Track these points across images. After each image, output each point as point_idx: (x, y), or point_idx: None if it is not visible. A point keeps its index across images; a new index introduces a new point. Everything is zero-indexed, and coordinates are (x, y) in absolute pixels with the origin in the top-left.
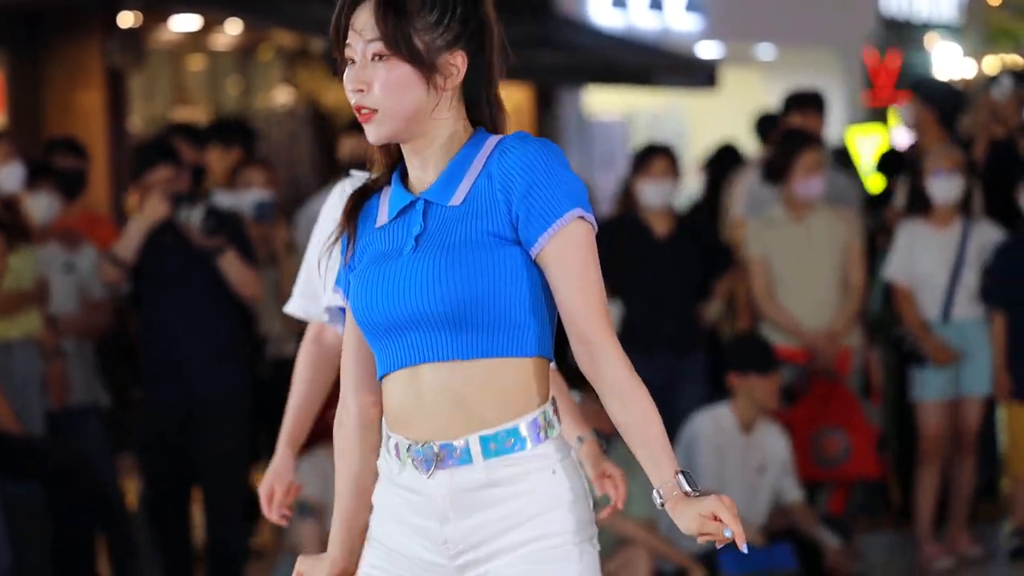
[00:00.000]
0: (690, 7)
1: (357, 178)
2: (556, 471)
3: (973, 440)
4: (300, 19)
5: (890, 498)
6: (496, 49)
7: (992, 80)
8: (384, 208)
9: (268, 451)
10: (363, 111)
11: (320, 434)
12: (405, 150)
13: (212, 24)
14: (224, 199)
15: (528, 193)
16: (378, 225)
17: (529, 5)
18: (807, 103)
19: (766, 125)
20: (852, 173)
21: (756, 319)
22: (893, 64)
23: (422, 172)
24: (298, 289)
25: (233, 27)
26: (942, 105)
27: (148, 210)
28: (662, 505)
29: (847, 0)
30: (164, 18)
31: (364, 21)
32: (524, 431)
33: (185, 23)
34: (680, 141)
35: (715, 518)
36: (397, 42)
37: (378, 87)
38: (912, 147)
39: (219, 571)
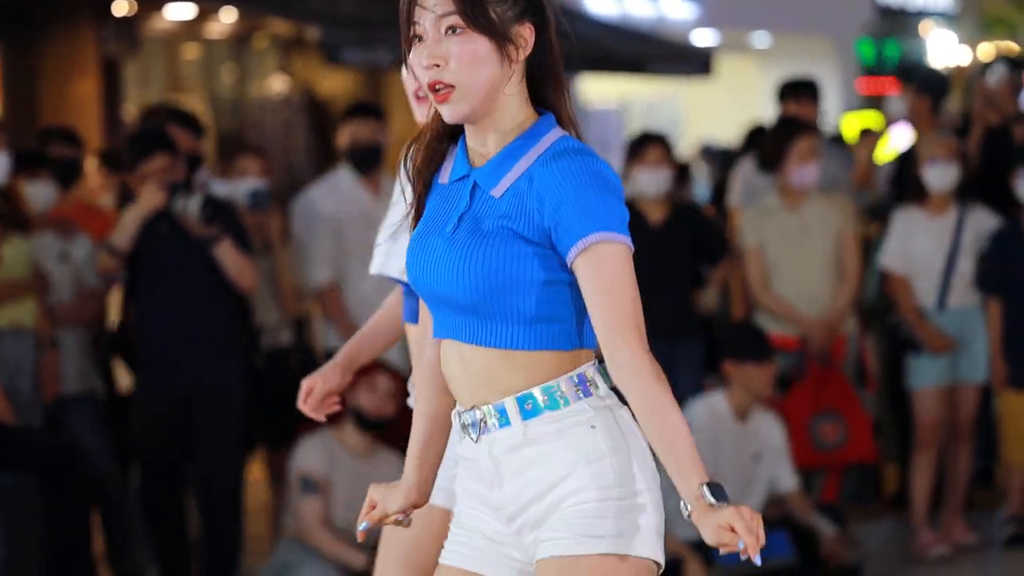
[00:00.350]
0: None
1: None
2: (595, 426)
3: (969, 428)
4: (295, 7)
5: (883, 486)
6: (554, 26)
7: (987, 67)
8: (449, 164)
9: (263, 441)
10: (439, 89)
11: (329, 417)
12: (472, 130)
13: (207, 12)
14: (219, 188)
15: (558, 208)
16: (440, 181)
17: None
18: (802, 91)
19: (757, 137)
20: (847, 160)
21: (751, 308)
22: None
23: (482, 146)
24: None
25: (228, 15)
26: (934, 93)
27: (144, 199)
28: (689, 516)
29: None
30: (158, 7)
31: None
32: (564, 388)
33: (179, 11)
34: (675, 129)
35: (732, 529)
36: (474, 13)
37: (455, 61)
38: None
39: (215, 560)
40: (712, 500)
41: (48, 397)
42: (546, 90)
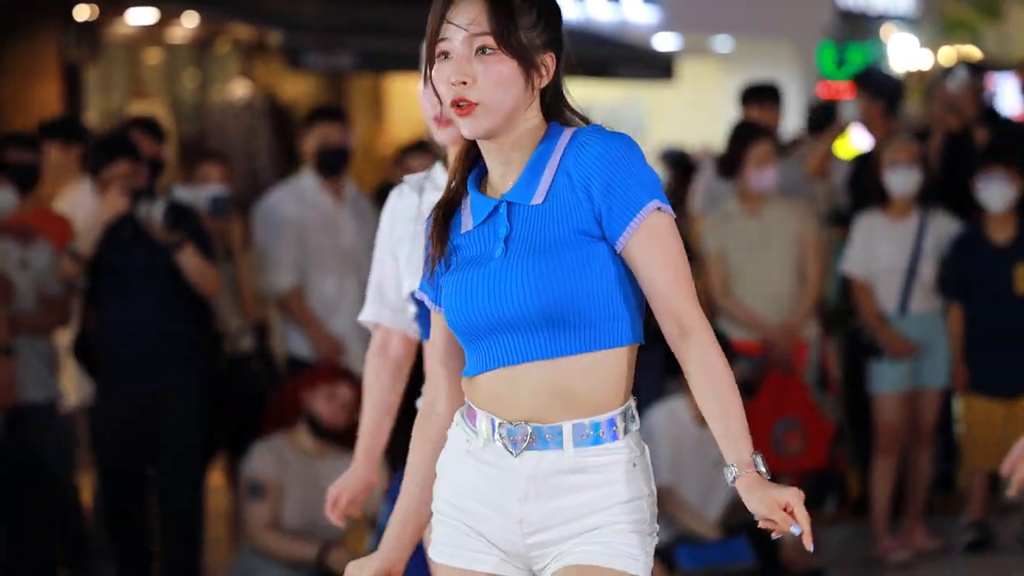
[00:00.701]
0: None
1: (410, 184)
2: (636, 464)
3: (930, 433)
4: (257, 12)
5: (848, 491)
6: (566, 56)
7: (948, 72)
8: (467, 215)
9: (223, 447)
10: (462, 104)
11: (280, 421)
12: (488, 149)
13: (168, 17)
14: (181, 193)
15: (608, 189)
16: (463, 231)
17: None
18: (764, 96)
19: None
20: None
21: (713, 313)
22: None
23: (504, 171)
24: (370, 296)
25: (190, 20)
26: (887, 96)
27: (107, 204)
28: (733, 480)
29: None
30: (120, 11)
31: (470, 15)
32: (619, 423)
33: (141, 16)
34: (638, 133)
35: (786, 510)
36: (508, 37)
37: (483, 80)
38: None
39: (175, 566)
40: (763, 470)
41: (4, 404)
42: (555, 116)
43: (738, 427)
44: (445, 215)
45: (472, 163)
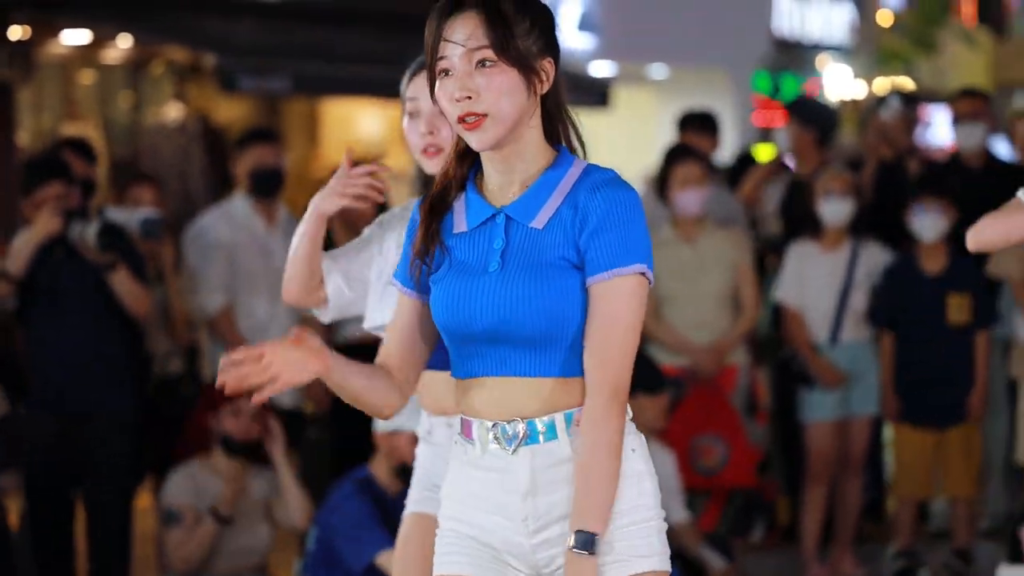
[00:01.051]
0: (583, 26)
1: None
2: (635, 449)
3: (860, 461)
4: (191, 34)
5: (777, 519)
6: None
7: (881, 101)
8: (461, 214)
9: (151, 469)
10: (469, 119)
11: (195, 446)
12: (492, 159)
13: (102, 38)
14: (114, 215)
15: (597, 233)
16: (456, 231)
17: (420, 23)
18: (700, 123)
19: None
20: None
21: (644, 339)
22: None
23: (506, 182)
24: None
25: (124, 41)
26: (819, 125)
27: (40, 225)
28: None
29: (739, 21)
30: (54, 32)
31: (466, 31)
32: None
33: (75, 37)
34: None
35: None
36: (507, 47)
37: (486, 92)
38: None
39: None
40: (593, 553)
41: None
42: (555, 124)
43: (592, 503)
44: (435, 208)
45: (471, 161)
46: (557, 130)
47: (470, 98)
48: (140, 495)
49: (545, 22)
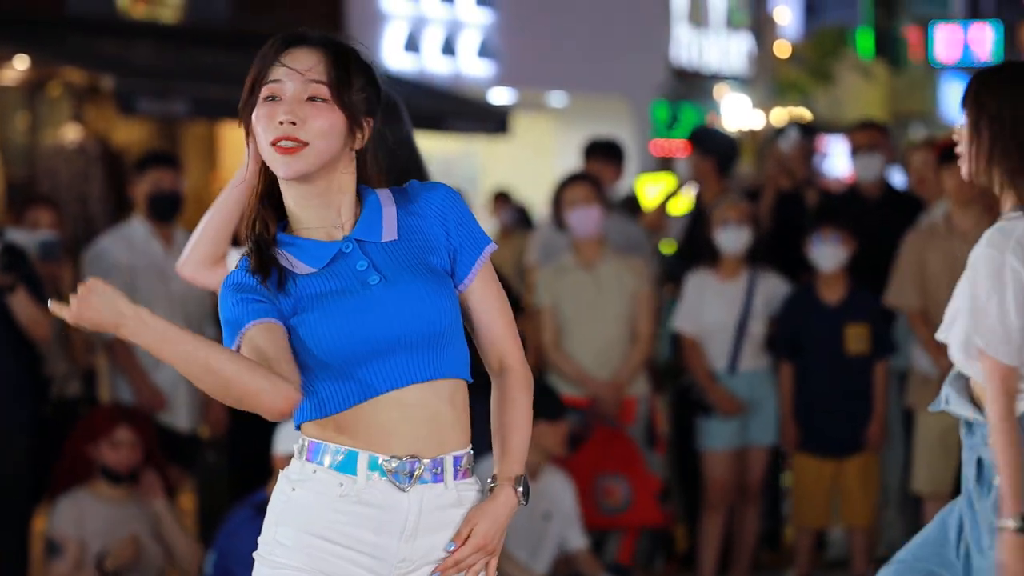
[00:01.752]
0: (482, 53)
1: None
2: (484, 492)
3: (757, 490)
4: (89, 55)
5: (675, 547)
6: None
7: (780, 132)
8: (295, 261)
9: (48, 492)
10: (287, 143)
11: (80, 475)
12: (306, 195)
13: None
14: (14, 236)
15: (459, 227)
16: (303, 274)
17: None
18: (604, 151)
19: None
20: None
21: (544, 366)
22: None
23: (330, 216)
24: None
25: (21, 63)
26: (719, 154)
27: None
28: (488, 491)
29: (638, 50)
30: None
31: (308, 62)
32: (471, 458)
33: None
34: (472, 186)
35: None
36: (343, 91)
37: (313, 124)
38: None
39: None
40: (521, 498)
41: None
42: (363, 180)
43: (514, 445)
44: (265, 263)
45: (274, 212)
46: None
47: (295, 124)
48: (36, 518)
49: (375, 90)
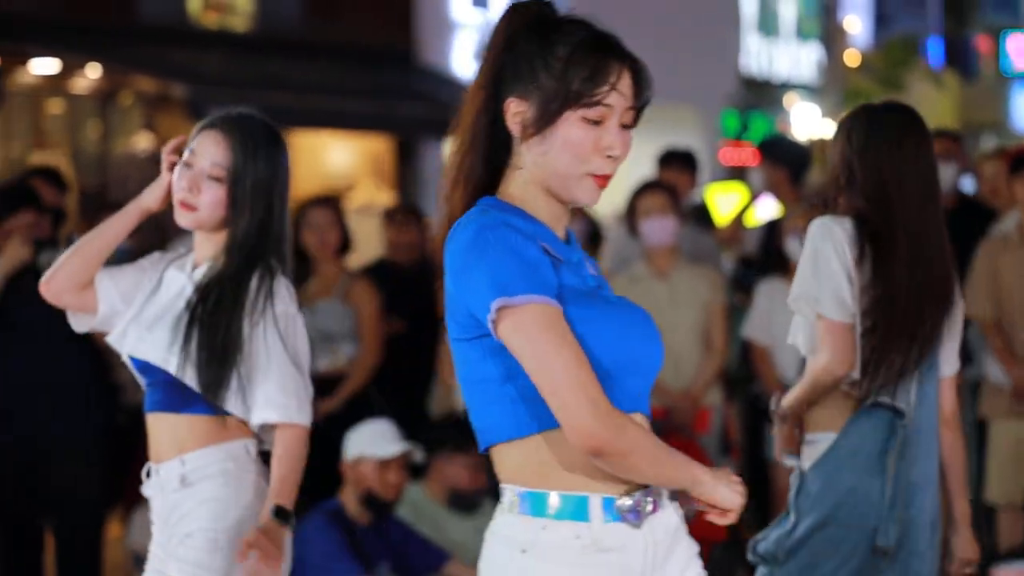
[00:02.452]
0: None
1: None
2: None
3: None
4: (160, 64)
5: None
6: None
7: None
8: (550, 244)
9: (123, 499)
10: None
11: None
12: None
13: (72, 68)
14: None
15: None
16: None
17: (391, 56)
18: (678, 160)
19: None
20: (712, 231)
21: None
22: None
23: (560, 230)
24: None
25: (93, 71)
26: (792, 164)
27: (9, 254)
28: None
29: (708, 59)
30: (24, 61)
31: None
32: None
33: (45, 66)
34: None
35: None
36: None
37: (621, 153)
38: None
39: None
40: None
41: None
42: None
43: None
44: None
45: None
46: None
47: (613, 157)
48: (110, 525)
49: None
